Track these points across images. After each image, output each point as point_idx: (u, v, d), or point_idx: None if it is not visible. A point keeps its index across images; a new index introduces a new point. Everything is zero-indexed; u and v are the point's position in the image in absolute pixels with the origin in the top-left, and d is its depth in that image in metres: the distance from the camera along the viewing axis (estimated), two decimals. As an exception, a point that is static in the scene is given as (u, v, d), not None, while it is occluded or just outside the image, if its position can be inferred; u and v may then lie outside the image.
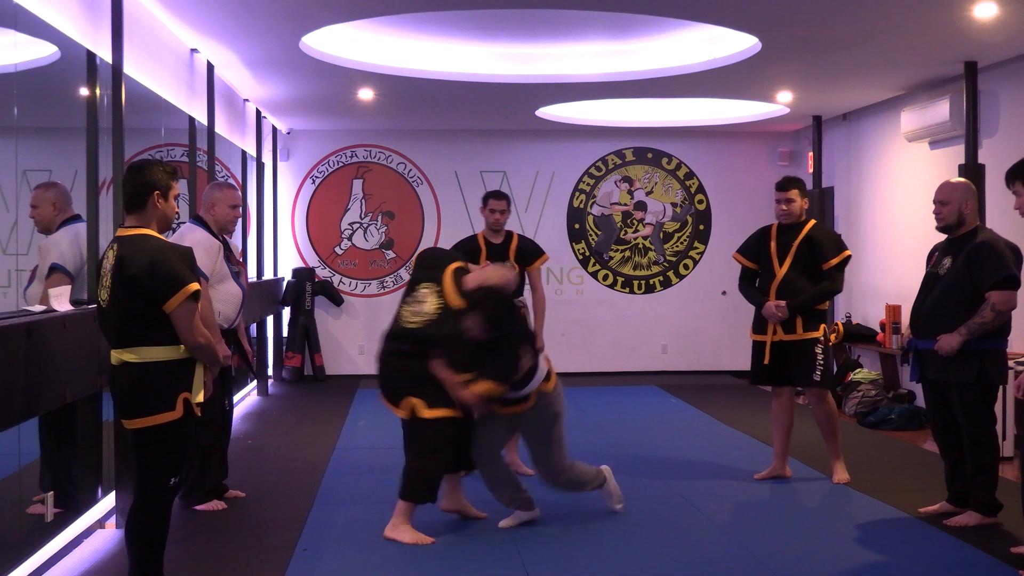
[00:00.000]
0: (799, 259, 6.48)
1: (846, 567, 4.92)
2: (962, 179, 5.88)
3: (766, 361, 6.52)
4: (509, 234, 6.86)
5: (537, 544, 5.28)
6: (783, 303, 6.38)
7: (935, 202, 5.65)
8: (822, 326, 6.45)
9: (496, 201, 6.77)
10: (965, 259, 5.44)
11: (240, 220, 9.64)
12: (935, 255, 5.75)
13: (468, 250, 6.74)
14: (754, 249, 6.70)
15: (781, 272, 6.48)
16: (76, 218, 5.40)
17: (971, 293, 5.40)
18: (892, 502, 6.04)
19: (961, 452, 5.62)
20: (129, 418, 4.07)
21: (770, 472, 6.68)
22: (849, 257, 6.54)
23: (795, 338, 6.44)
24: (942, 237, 5.75)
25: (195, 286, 3.99)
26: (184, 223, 6.23)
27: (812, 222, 6.62)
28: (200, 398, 4.13)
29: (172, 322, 3.99)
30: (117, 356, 4.06)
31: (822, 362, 6.41)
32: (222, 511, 5.90)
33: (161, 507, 4.17)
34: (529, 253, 6.86)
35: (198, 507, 5.92)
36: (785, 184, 6.56)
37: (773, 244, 6.58)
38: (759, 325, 6.57)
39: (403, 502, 5.32)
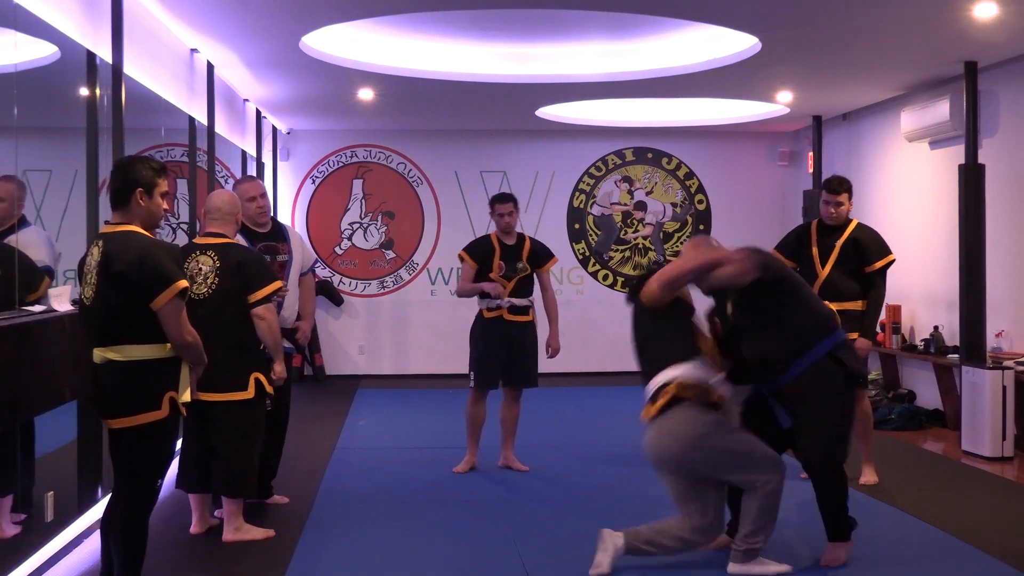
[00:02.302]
0: (843, 261, 6.39)
1: (847, 567, 4.91)
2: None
3: None
4: (521, 236, 6.91)
5: (537, 543, 5.28)
6: (868, 343, 6.34)
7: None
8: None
9: (501, 205, 6.80)
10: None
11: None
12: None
13: (483, 250, 6.81)
14: (793, 247, 6.60)
15: (824, 273, 6.41)
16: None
17: None
18: (892, 502, 6.04)
19: None
20: (113, 417, 3.99)
21: None
22: (893, 260, 6.44)
23: None
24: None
25: (183, 283, 3.93)
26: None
27: (855, 222, 6.52)
28: (186, 397, 4.07)
29: (160, 319, 3.91)
30: (100, 354, 3.98)
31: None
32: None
33: (148, 510, 4.10)
34: (541, 255, 6.91)
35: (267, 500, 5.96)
36: (837, 187, 6.44)
37: (815, 245, 6.49)
38: None
39: None
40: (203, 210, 5.52)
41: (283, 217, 11.92)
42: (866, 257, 6.37)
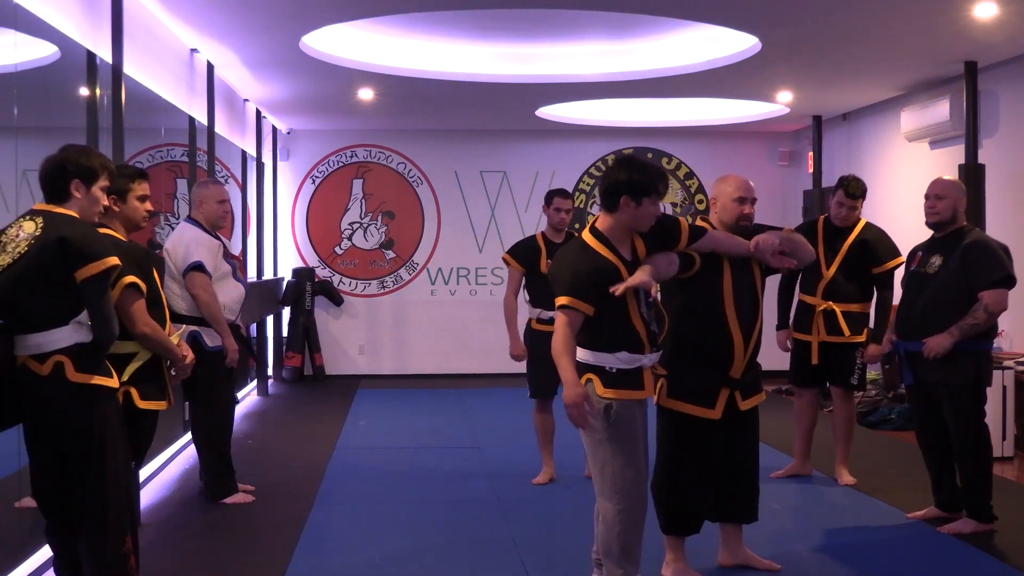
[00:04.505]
0: (849, 261, 6.36)
1: (846, 567, 4.91)
2: (953, 178, 5.77)
3: (815, 362, 6.42)
4: (571, 234, 6.58)
5: (537, 543, 5.28)
6: (880, 348, 6.17)
7: (930, 196, 5.51)
8: (865, 330, 6.38)
9: (562, 200, 6.54)
10: (960, 258, 5.37)
11: (240, 219, 9.79)
12: (919, 255, 5.65)
13: (528, 252, 6.51)
14: None
15: (829, 274, 6.37)
16: None
17: (966, 293, 5.31)
18: (892, 502, 6.04)
19: (946, 458, 5.55)
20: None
21: (789, 471, 6.65)
22: (902, 263, 6.31)
23: (840, 340, 6.37)
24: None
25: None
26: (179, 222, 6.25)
27: (863, 222, 6.47)
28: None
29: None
30: None
31: (860, 365, 6.39)
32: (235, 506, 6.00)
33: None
34: None
35: (226, 501, 6.02)
36: (855, 192, 6.35)
37: (821, 244, 6.41)
38: (803, 324, 6.47)
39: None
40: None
41: (283, 217, 11.92)
42: (875, 258, 6.34)
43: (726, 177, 4.68)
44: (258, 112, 10.41)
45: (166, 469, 6.88)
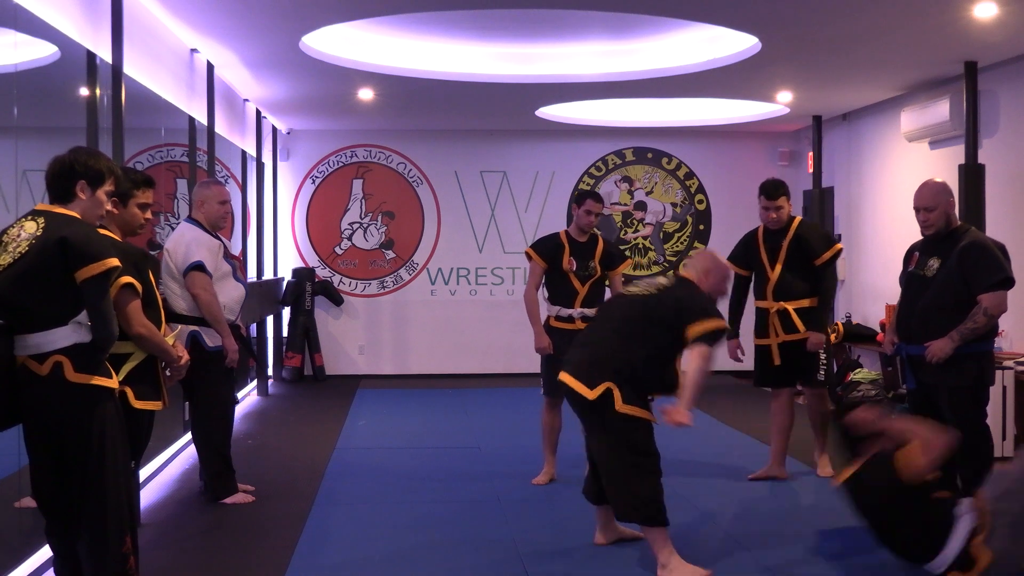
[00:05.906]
0: (791, 259, 6.52)
1: (846, 567, 4.92)
2: (939, 180, 5.60)
3: (777, 363, 6.53)
4: (594, 236, 6.64)
5: (537, 543, 5.28)
6: (821, 337, 6.41)
7: (919, 209, 5.42)
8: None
9: (594, 203, 6.55)
10: (958, 260, 5.31)
11: (240, 219, 9.79)
12: (916, 255, 5.60)
13: (551, 248, 6.55)
14: (743, 256, 6.73)
15: (774, 275, 6.53)
16: None
17: (965, 295, 5.28)
18: (892, 502, 6.04)
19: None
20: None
21: (765, 472, 6.65)
22: (840, 251, 6.58)
23: (798, 338, 6.47)
24: None
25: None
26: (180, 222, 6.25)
27: (797, 220, 6.65)
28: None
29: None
30: None
31: (824, 361, 6.49)
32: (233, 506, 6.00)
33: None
34: (615, 257, 6.67)
35: (226, 501, 6.02)
36: (773, 193, 6.52)
37: (762, 248, 6.61)
38: (761, 329, 6.60)
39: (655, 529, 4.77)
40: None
41: (283, 217, 11.92)
42: (812, 251, 6.48)
43: None
44: (258, 112, 10.41)
45: (166, 469, 6.88)
